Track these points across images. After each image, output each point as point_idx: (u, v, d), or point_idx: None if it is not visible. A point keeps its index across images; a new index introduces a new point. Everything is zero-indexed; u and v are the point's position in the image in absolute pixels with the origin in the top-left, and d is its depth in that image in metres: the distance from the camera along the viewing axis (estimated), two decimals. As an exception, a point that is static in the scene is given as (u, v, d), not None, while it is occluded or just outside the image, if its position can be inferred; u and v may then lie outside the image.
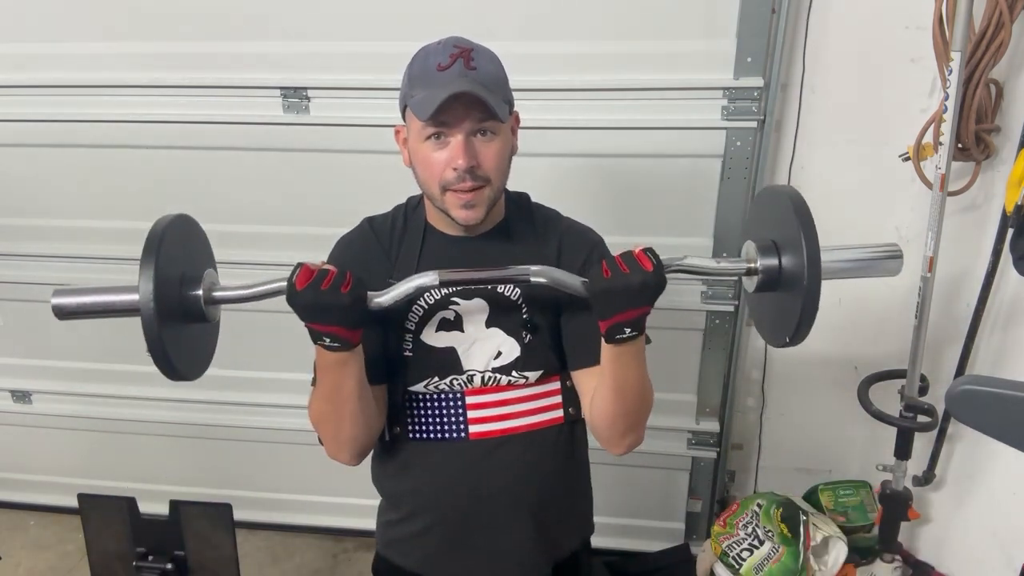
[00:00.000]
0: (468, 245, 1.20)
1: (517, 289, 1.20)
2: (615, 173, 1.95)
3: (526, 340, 1.21)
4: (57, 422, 2.50)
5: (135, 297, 0.98)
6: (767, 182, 1.94)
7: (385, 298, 1.08)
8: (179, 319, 1.04)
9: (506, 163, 1.15)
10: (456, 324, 1.20)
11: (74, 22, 1.96)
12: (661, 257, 1.03)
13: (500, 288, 1.20)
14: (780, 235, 1.08)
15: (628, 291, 1.00)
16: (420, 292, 1.10)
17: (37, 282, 2.28)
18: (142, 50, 1.97)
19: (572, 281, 1.09)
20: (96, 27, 1.96)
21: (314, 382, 1.18)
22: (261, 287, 1.08)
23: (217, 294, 1.09)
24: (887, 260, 1.12)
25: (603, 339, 1.08)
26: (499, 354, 1.21)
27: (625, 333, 1.04)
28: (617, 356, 1.09)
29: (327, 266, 1.04)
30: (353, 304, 1.02)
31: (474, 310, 1.20)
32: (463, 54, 1.08)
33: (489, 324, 1.20)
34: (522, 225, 1.23)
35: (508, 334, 1.21)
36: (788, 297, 1.06)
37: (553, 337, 1.23)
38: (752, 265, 1.09)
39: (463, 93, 1.04)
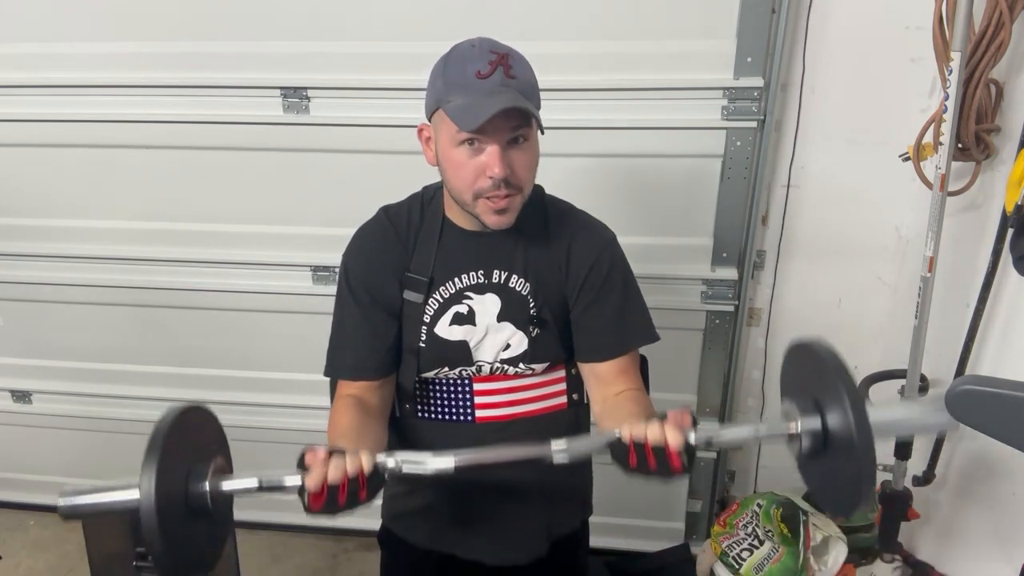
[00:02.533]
0: (483, 241, 1.22)
1: (527, 283, 1.22)
2: (615, 173, 1.95)
3: (534, 334, 1.24)
4: (57, 422, 2.50)
5: (136, 496, 0.91)
6: (767, 182, 1.94)
7: (397, 466, 1.02)
8: (183, 516, 0.97)
9: (535, 169, 1.16)
10: (469, 318, 1.23)
11: (74, 22, 1.96)
12: (700, 425, 0.99)
13: (511, 283, 1.22)
14: (820, 395, 0.98)
15: (650, 478, 0.99)
16: (435, 477, 1.03)
17: (37, 282, 2.28)
18: (142, 50, 1.97)
19: (596, 447, 1.05)
20: (96, 27, 1.96)
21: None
22: (274, 478, 1.03)
23: (225, 487, 1.01)
24: (936, 414, 0.97)
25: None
26: (508, 346, 1.24)
27: None
28: None
29: (333, 463, 0.98)
30: (372, 497, 1.01)
31: (487, 304, 1.22)
32: (502, 61, 1.07)
33: (501, 318, 1.23)
34: (535, 222, 1.24)
35: (517, 328, 1.23)
36: (838, 463, 0.97)
37: (560, 329, 1.26)
38: (794, 431, 1.00)
39: (510, 108, 1.03)
